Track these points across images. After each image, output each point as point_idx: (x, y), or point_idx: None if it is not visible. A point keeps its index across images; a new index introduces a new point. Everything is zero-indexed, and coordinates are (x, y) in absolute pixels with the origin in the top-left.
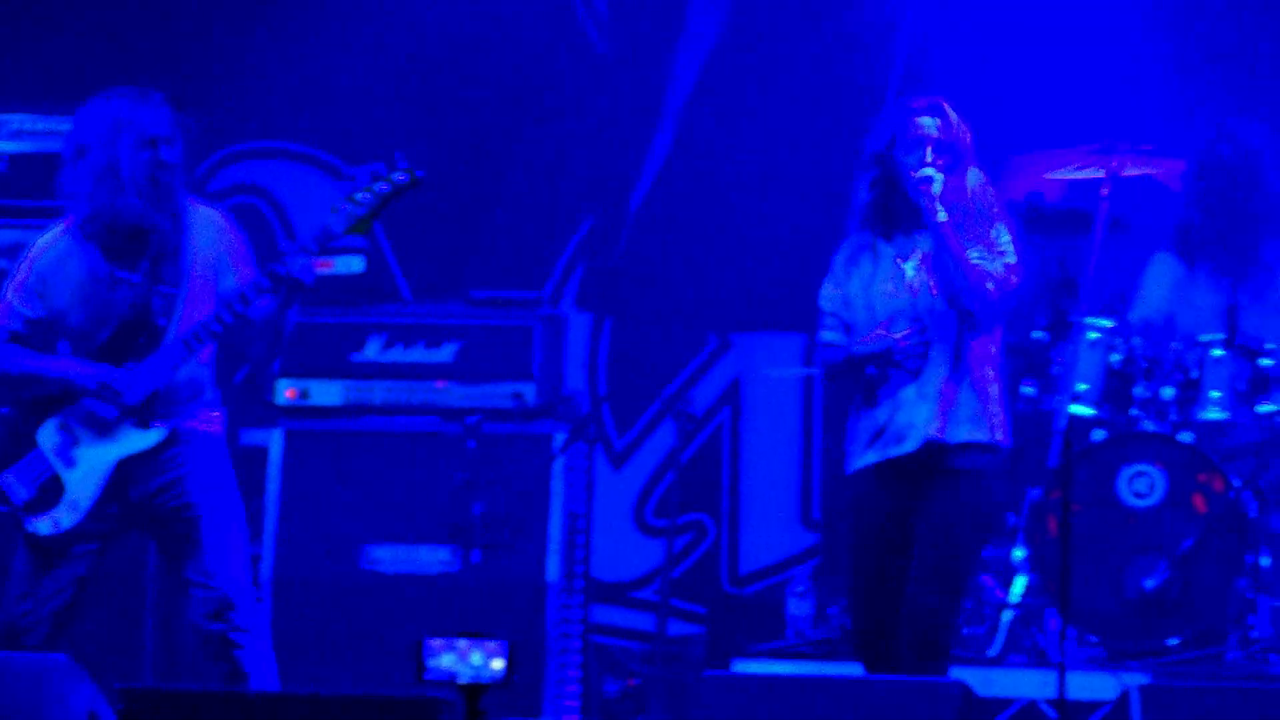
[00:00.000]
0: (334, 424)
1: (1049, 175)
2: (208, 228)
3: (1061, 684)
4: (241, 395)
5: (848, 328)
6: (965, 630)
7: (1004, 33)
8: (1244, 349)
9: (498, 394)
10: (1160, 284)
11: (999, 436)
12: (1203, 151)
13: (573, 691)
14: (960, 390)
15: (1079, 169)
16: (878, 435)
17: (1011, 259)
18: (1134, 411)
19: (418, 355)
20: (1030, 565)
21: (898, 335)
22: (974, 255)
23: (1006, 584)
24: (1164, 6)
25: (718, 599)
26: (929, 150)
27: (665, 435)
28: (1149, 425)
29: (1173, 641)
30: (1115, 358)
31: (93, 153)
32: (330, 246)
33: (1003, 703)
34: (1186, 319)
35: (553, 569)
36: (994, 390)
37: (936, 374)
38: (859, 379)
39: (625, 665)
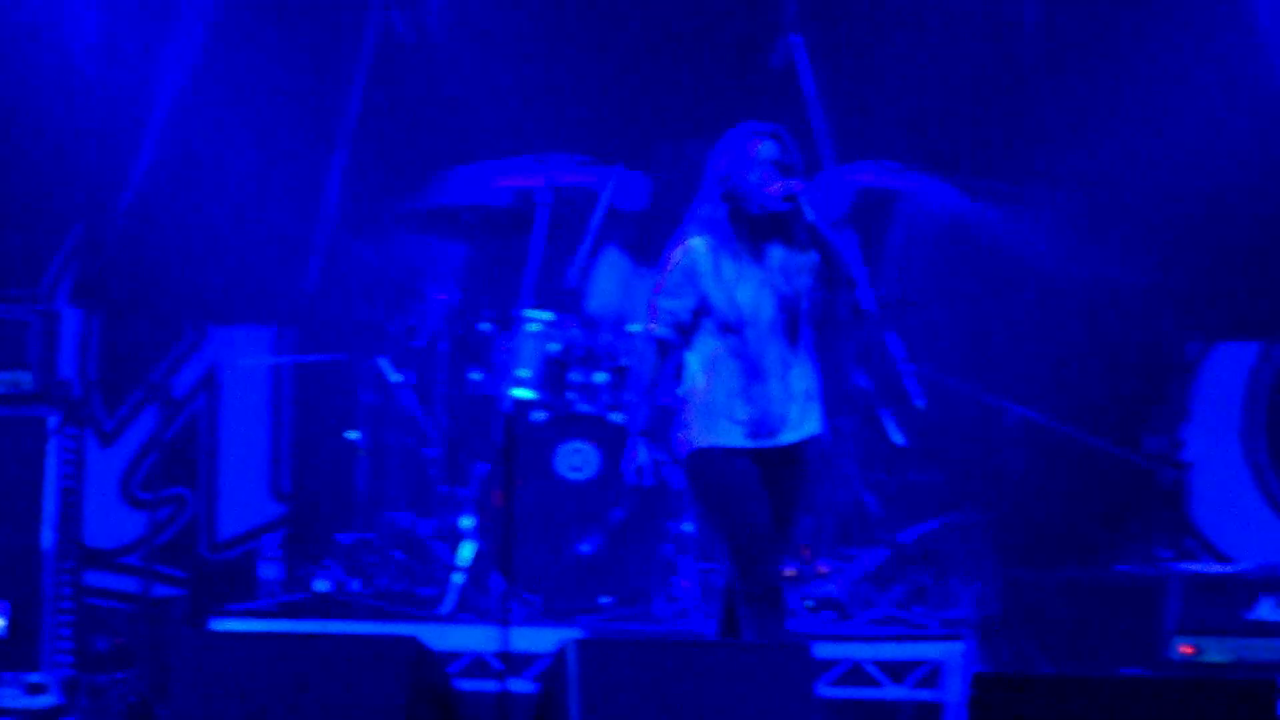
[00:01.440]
0: None
1: (496, 183)
2: None
3: (506, 638)
4: None
5: (680, 327)
6: (419, 590)
7: (463, 49)
8: None
9: None
10: (610, 278)
11: None
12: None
13: (66, 648)
14: (816, 387)
15: (522, 178)
16: (748, 423)
17: None
18: (570, 395)
19: None
20: (478, 533)
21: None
22: None
23: (456, 549)
24: (600, 30)
25: (197, 564)
26: (774, 170)
27: (149, 418)
28: (584, 407)
29: (605, 600)
30: (553, 347)
31: None
32: None
33: (454, 655)
34: (631, 310)
35: (48, 538)
36: None
37: (804, 372)
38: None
39: (114, 624)
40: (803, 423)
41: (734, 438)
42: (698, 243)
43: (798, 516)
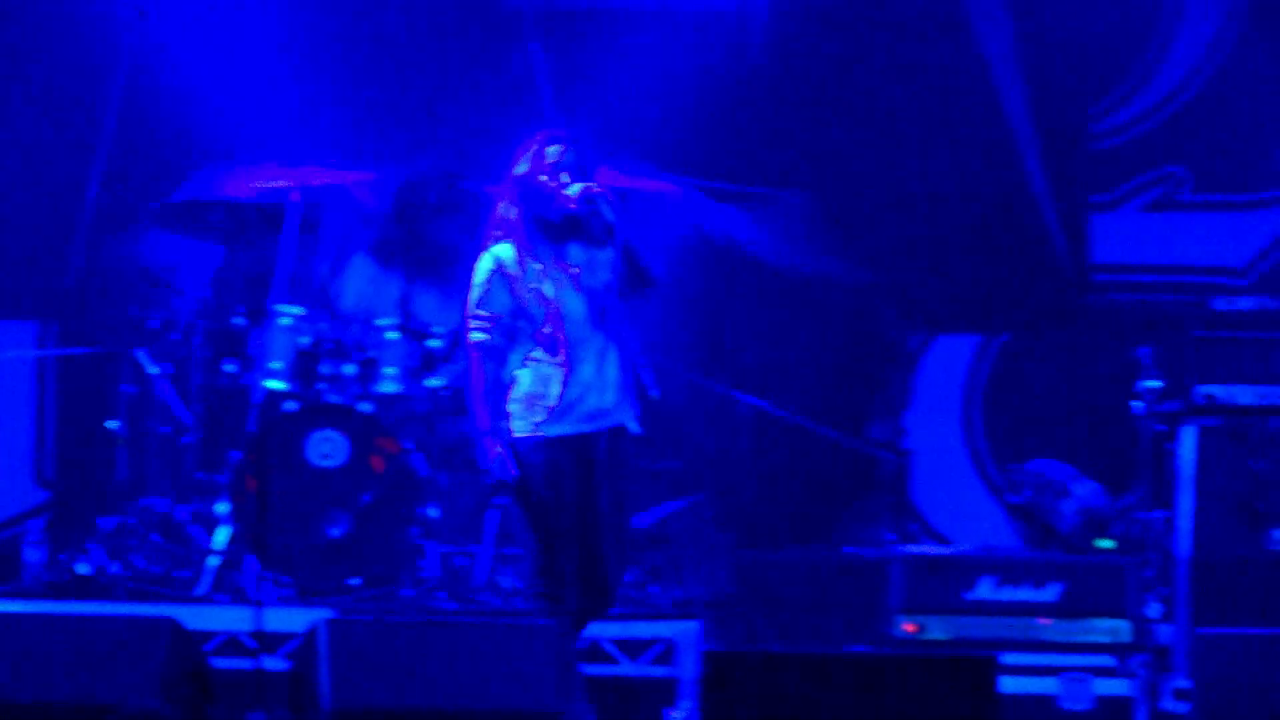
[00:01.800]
0: None
1: (249, 184)
2: None
3: (259, 618)
4: None
5: (500, 331)
6: (176, 573)
7: (219, 56)
8: (415, 332)
9: None
10: (358, 276)
11: None
12: (405, 166)
13: None
14: (629, 378)
15: (275, 179)
16: (566, 409)
17: None
18: (320, 386)
19: None
20: (232, 517)
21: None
22: None
23: (211, 533)
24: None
25: None
26: (569, 173)
27: None
28: (334, 397)
29: (354, 582)
30: (304, 340)
31: None
32: None
33: (209, 635)
34: (380, 306)
35: None
36: None
37: (614, 360)
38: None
39: None
40: (620, 409)
41: (552, 425)
42: (501, 248)
43: (628, 514)
